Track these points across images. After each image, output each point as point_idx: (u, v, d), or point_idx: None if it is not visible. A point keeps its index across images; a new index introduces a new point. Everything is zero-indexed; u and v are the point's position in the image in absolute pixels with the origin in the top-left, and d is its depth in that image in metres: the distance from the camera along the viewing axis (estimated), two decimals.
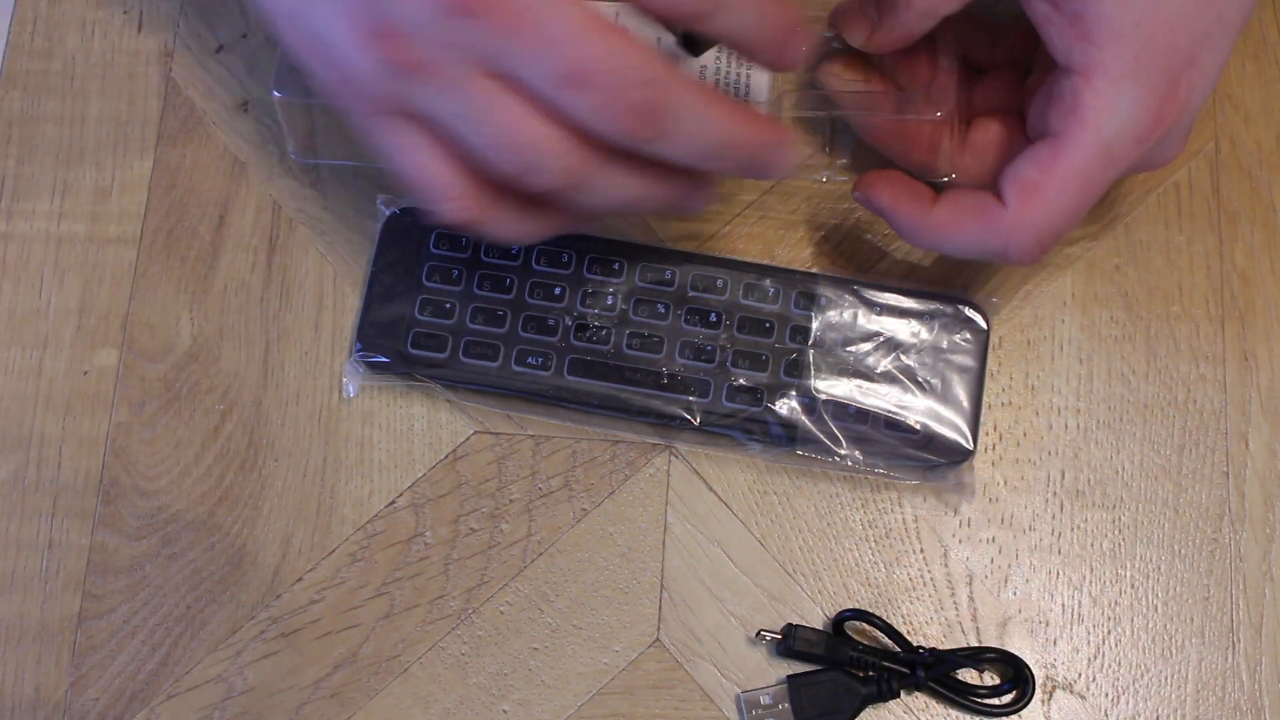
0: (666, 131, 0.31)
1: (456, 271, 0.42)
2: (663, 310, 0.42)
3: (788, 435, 0.41)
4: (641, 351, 0.41)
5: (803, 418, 0.41)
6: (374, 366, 0.42)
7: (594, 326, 0.41)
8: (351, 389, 0.42)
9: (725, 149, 0.33)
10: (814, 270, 0.43)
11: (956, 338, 0.42)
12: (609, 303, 0.42)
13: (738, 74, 0.40)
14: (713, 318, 0.41)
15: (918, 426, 0.41)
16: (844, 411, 0.41)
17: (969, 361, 0.41)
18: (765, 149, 0.34)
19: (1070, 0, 0.35)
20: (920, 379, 0.41)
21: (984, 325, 0.42)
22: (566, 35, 0.30)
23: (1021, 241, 0.36)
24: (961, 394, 0.41)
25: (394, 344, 0.41)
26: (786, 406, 0.41)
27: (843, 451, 0.41)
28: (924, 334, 0.41)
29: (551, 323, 0.41)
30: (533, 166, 0.32)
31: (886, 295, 0.42)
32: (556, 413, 0.42)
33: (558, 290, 0.42)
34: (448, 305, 0.42)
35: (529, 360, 0.41)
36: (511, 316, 0.41)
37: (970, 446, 0.41)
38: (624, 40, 0.30)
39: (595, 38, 0.30)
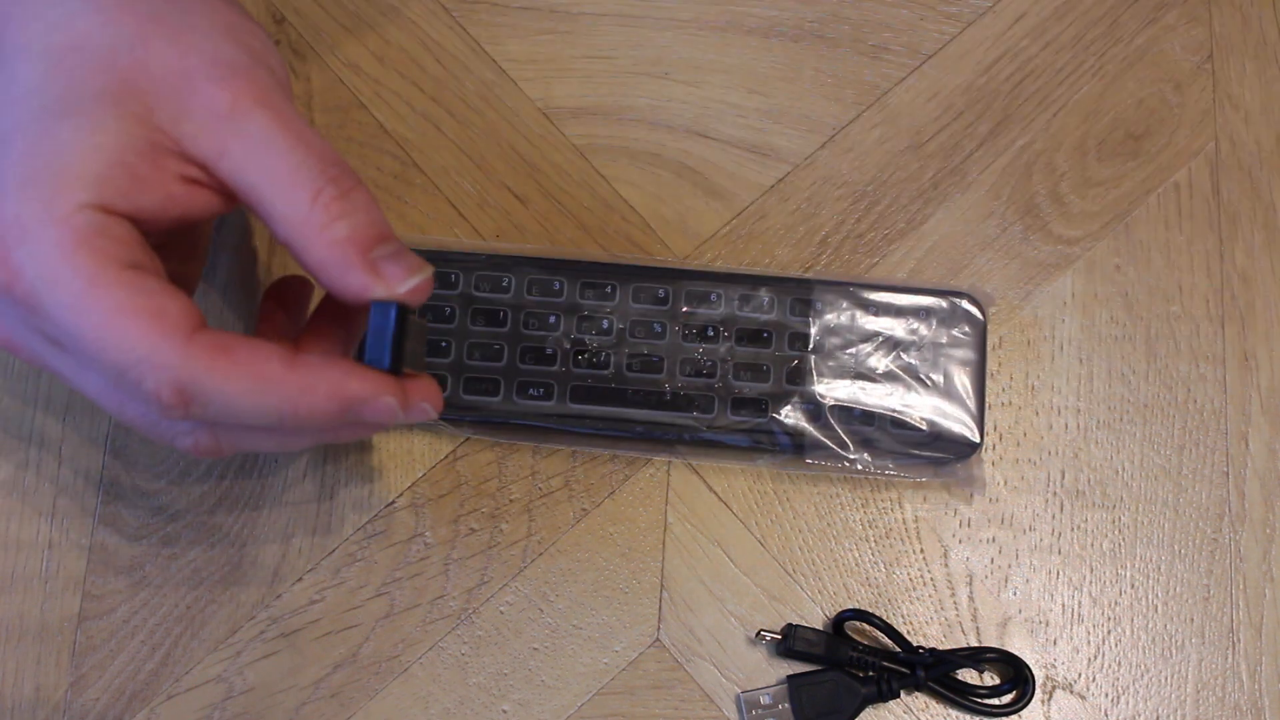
0: (205, 409, 0.30)
1: (450, 309, 0.42)
2: (659, 329, 0.41)
3: (795, 443, 0.41)
4: (642, 372, 0.41)
5: (808, 425, 0.41)
6: None
7: (592, 351, 0.41)
8: None
9: (290, 418, 0.31)
10: (807, 275, 0.43)
11: (955, 331, 0.42)
12: (605, 326, 0.41)
13: None
14: (710, 332, 0.41)
15: (923, 424, 0.41)
16: (849, 414, 0.41)
17: (969, 354, 0.41)
18: (344, 410, 0.32)
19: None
20: (922, 375, 0.41)
21: (981, 316, 0.42)
22: (87, 332, 0.29)
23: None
24: (964, 387, 0.41)
25: None
26: (792, 415, 0.41)
27: (851, 455, 0.41)
28: (922, 330, 0.41)
29: (550, 352, 0.41)
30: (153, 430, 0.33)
31: (882, 294, 0.42)
32: (563, 438, 0.42)
33: (552, 319, 0.42)
34: (444, 344, 0.41)
35: (530, 391, 0.41)
36: (509, 349, 0.41)
37: (977, 439, 0.41)
38: (137, 326, 0.29)
39: (101, 331, 0.29)
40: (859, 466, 0.41)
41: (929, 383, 0.41)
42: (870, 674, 0.40)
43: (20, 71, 0.31)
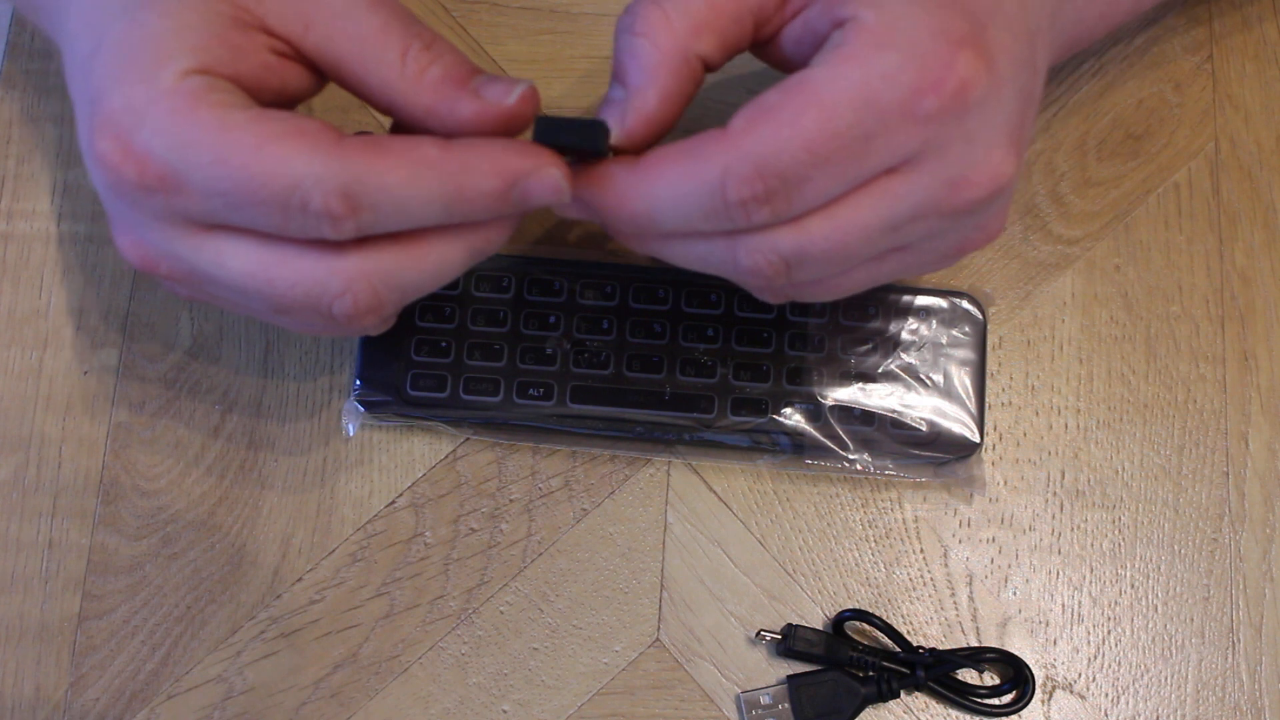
0: (375, 211, 0.30)
1: (449, 309, 0.42)
2: (659, 329, 0.41)
3: (795, 444, 0.41)
4: (642, 373, 0.41)
5: (809, 425, 0.41)
6: (374, 407, 0.41)
7: (592, 352, 0.41)
8: (351, 429, 0.42)
9: (456, 201, 0.30)
10: None
11: (955, 332, 0.42)
12: (605, 326, 0.41)
13: None
14: (710, 332, 0.41)
15: (923, 424, 0.41)
16: (850, 415, 0.41)
17: (969, 354, 0.41)
18: (510, 185, 0.31)
19: None
20: (922, 376, 0.41)
21: (980, 317, 0.42)
22: (238, 175, 0.29)
23: (740, 169, 0.30)
24: (964, 388, 0.41)
25: (393, 386, 0.41)
26: (792, 415, 0.41)
27: (851, 456, 0.41)
28: (922, 330, 0.41)
29: (549, 352, 0.41)
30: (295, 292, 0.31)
31: (882, 295, 0.42)
32: (563, 439, 0.42)
33: (552, 319, 0.42)
34: (444, 344, 0.41)
35: (530, 391, 0.41)
36: (508, 349, 0.41)
37: (977, 439, 0.41)
38: (285, 148, 0.29)
39: (254, 165, 0.29)
40: (859, 467, 0.41)
41: (929, 383, 0.41)
42: (870, 674, 0.40)
43: None
